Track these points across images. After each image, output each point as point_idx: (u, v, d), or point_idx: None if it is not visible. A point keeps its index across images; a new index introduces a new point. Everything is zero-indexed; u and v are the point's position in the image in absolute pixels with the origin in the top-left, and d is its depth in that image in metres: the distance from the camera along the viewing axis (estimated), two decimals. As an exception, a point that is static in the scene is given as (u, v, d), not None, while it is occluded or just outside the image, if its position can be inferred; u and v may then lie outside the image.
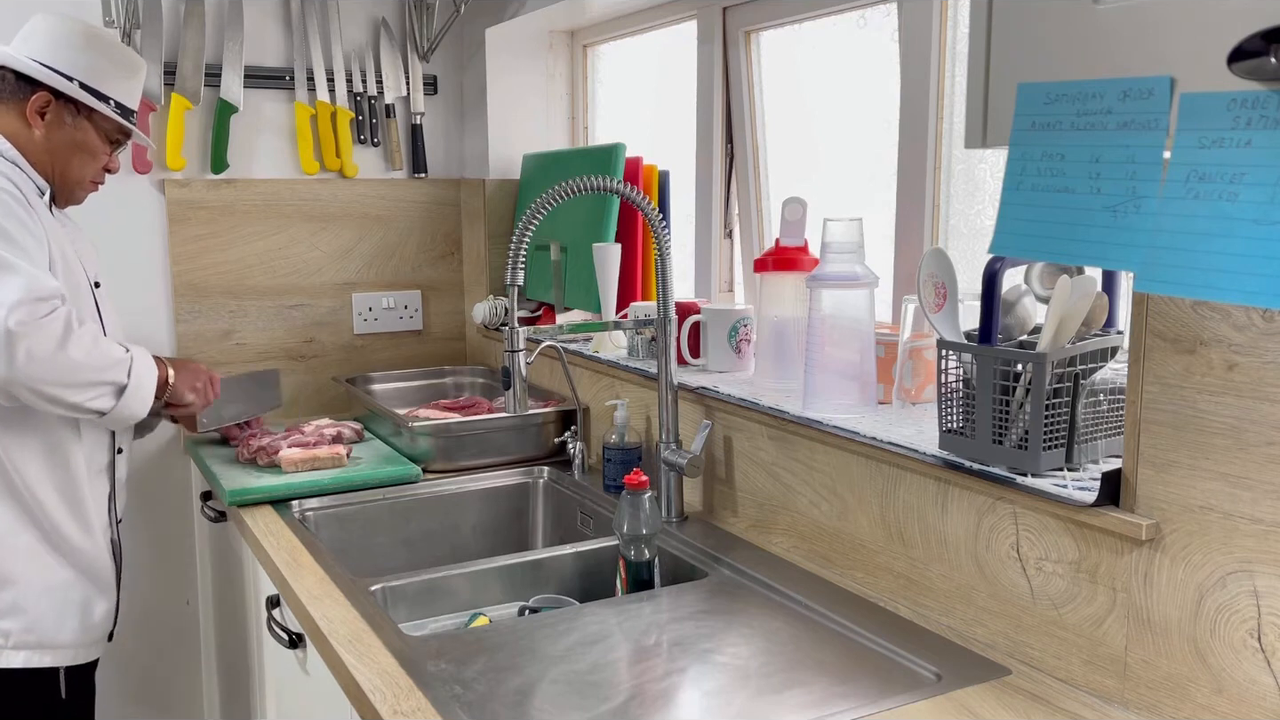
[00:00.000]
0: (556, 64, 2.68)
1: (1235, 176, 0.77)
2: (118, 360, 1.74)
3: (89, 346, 1.68)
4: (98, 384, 1.70)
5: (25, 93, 1.76)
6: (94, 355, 1.69)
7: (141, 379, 1.77)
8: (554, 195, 1.60)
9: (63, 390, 1.66)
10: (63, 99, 1.78)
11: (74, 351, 1.65)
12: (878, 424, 1.46)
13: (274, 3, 2.50)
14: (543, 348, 2.04)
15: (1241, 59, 0.73)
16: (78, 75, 1.77)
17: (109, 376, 1.72)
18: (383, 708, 1.16)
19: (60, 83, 1.76)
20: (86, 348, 1.68)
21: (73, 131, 1.80)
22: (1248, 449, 1.00)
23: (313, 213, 2.57)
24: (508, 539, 2.06)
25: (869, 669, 1.24)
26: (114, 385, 1.73)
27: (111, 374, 1.72)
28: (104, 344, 1.73)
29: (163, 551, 2.50)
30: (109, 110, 1.81)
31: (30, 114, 1.76)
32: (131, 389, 1.75)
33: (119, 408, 1.74)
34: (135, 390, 1.76)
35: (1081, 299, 1.20)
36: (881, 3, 1.76)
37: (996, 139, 0.95)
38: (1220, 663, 1.04)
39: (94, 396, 1.70)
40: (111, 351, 1.73)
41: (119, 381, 1.73)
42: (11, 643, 1.74)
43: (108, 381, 1.72)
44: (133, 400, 1.76)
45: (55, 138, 1.79)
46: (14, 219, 1.65)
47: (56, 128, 1.78)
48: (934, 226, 1.69)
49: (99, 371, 1.70)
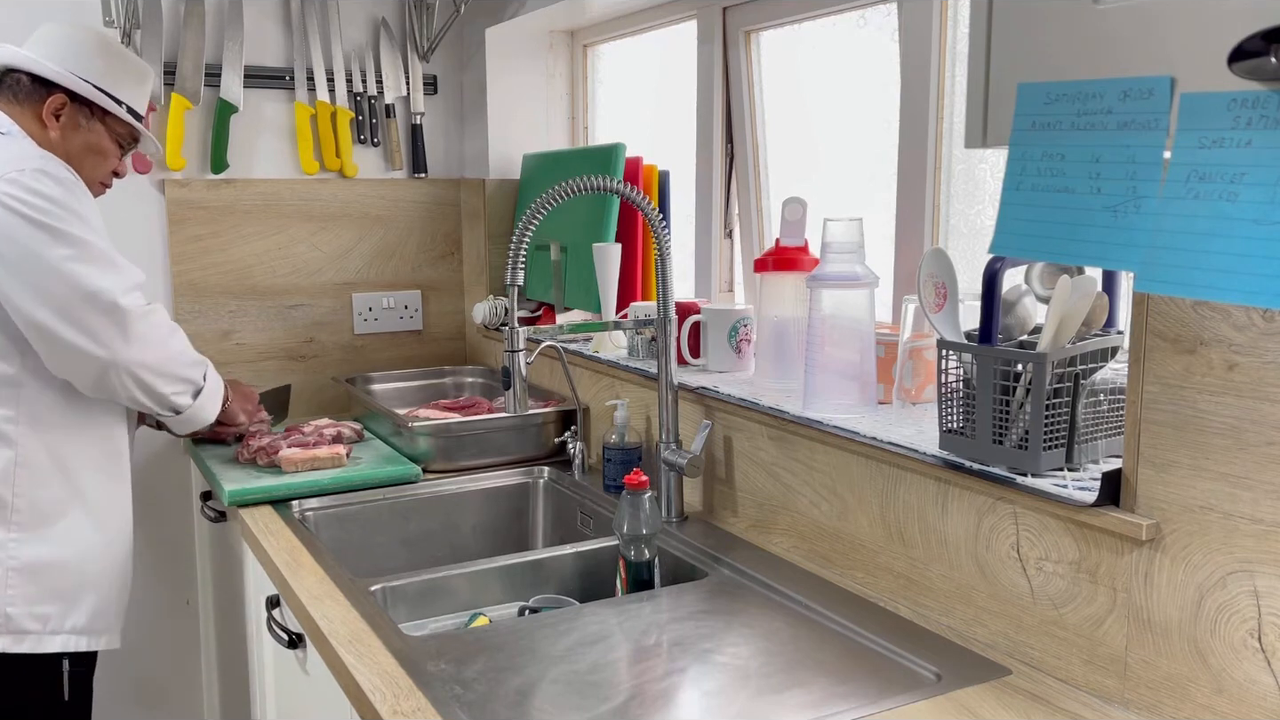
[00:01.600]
0: (556, 64, 2.68)
1: (1235, 176, 0.77)
2: (198, 361, 1.87)
3: (184, 341, 1.83)
4: (184, 380, 1.83)
5: (41, 95, 1.79)
6: (186, 351, 1.84)
7: (214, 386, 1.91)
8: (554, 195, 1.60)
9: (157, 379, 1.77)
10: (77, 101, 1.81)
11: (175, 343, 1.81)
12: (878, 424, 1.46)
13: (274, 3, 2.50)
14: (543, 348, 2.04)
15: (1242, 59, 0.73)
16: (92, 79, 1.81)
17: (192, 374, 1.85)
18: (383, 708, 1.16)
19: (77, 84, 1.79)
20: (182, 342, 1.83)
21: (87, 134, 1.83)
22: (1248, 449, 1.00)
23: (313, 213, 2.57)
24: (508, 539, 2.06)
25: (869, 669, 1.24)
26: (194, 385, 1.85)
27: (194, 372, 1.85)
28: (188, 342, 1.86)
29: (163, 551, 2.50)
30: (122, 113, 1.84)
31: (46, 115, 1.79)
32: (206, 392, 1.88)
33: (194, 408, 1.86)
34: (209, 394, 1.89)
35: (1081, 299, 1.20)
36: (881, 3, 1.76)
37: (996, 139, 0.95)
38: (1220, 663, 1.04)
39: (179, 391, 1.82)
40: (193, 352, 1.86)
41: (198, 382, 1.86)
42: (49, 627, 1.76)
43: (190, 380, 1.84)
44: (206, 402, 1.88)
45: (70, 140, 1.81)
46: (90, 207, 1.74)
47: (71, 130, 1.81)
48: (934, 226, 1.69)
49: (187, 367, 1.83)
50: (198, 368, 1.87)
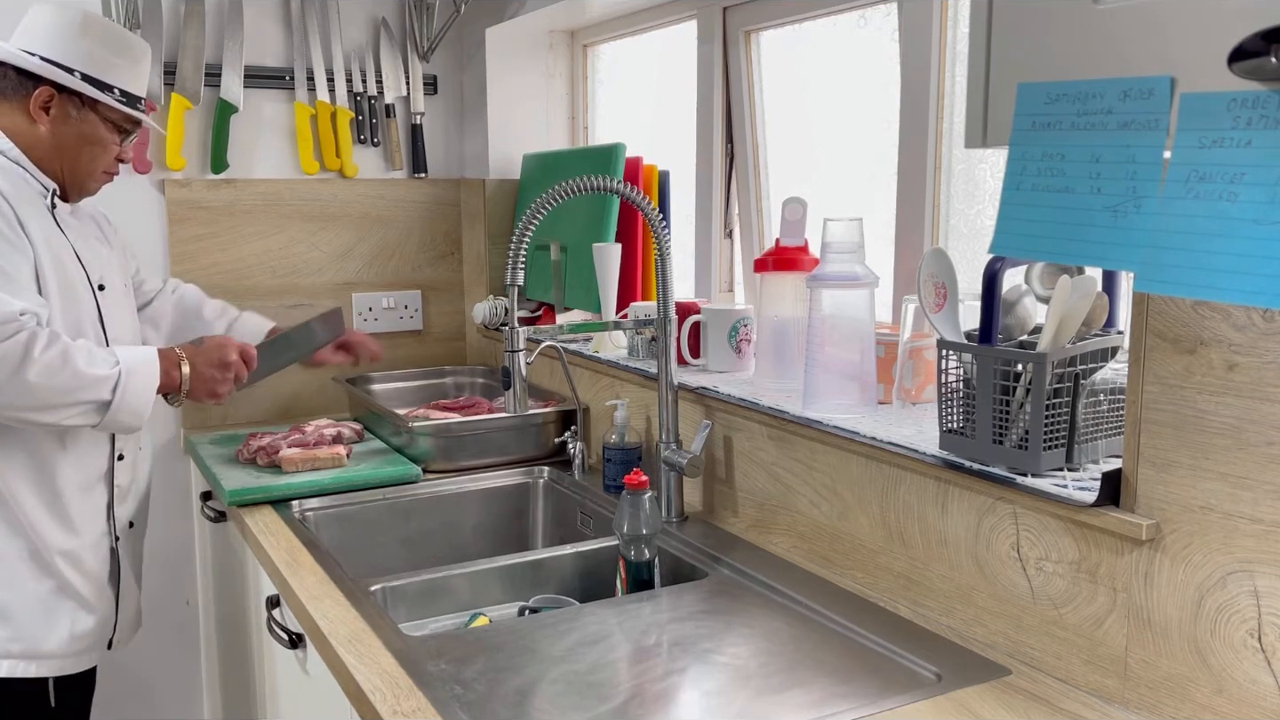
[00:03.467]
0: (556, 64, 2.68)
1: (1235, 176, 0.77)
2: (97, 379, 1.66)
3: (54, 369, 1.61)
4: (70, 405, 1.64)
5: (27, 89, 1.71)
6: (60, 378, 1.62)
7: (131, 394, 1.70)
8: (554, 195, 1.60)
9: (30, 413, 1.62)
10: (66, 92, 1.73)
11: (31, 376, 1.59)
12: (878, 424, 1.46)
13: (274, 3, 2.49)
14: (543, 348, 2.04)
15: (1242, 59, 0.73)
16: (78, 66, 1.72)
17: (84, 396, 1.65)
18: (383, 708, 1.16)
19: (61, 76, 1.70)
20: (49, 370, 1.61)
21: (79, 125, 1.75)
22: (1248, 449, 1.00)
23: (313, 213, 2.57)
24: (508, 539, 2.06)
25: (869, 669, 1.24)
26: (93, 403, 1.66)
27: (88, 393, 1.65)
28: (80, 362, 1.65)
29: (163, 551, 2.50)
30: (113, 100, 1.75)
31: (34, 110, 1.72)
32: (118, 405, 1.68)
33: (107, 422, 1.69)
34: (123, 406, 1.69)
35: (1082, 299, 1.20)
36: (881, 3, 1.76)
37: (996, 139, 0.95)
38: (1220, 663, 1.04)
39: (70, 416, 1.65)
40: (90, 370, 1.66)
41: (99, 399, 1.67)
42: None
43: (83, 401, 1.65)
44: (121, 415, 1.70)
45: (61, 133, 1.74)
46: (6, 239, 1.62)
47: (62, 122, 1.74)
48: (934, 226, 1.69)
49: (67, 393, 1.63)
50: (95, 387, 1.66)
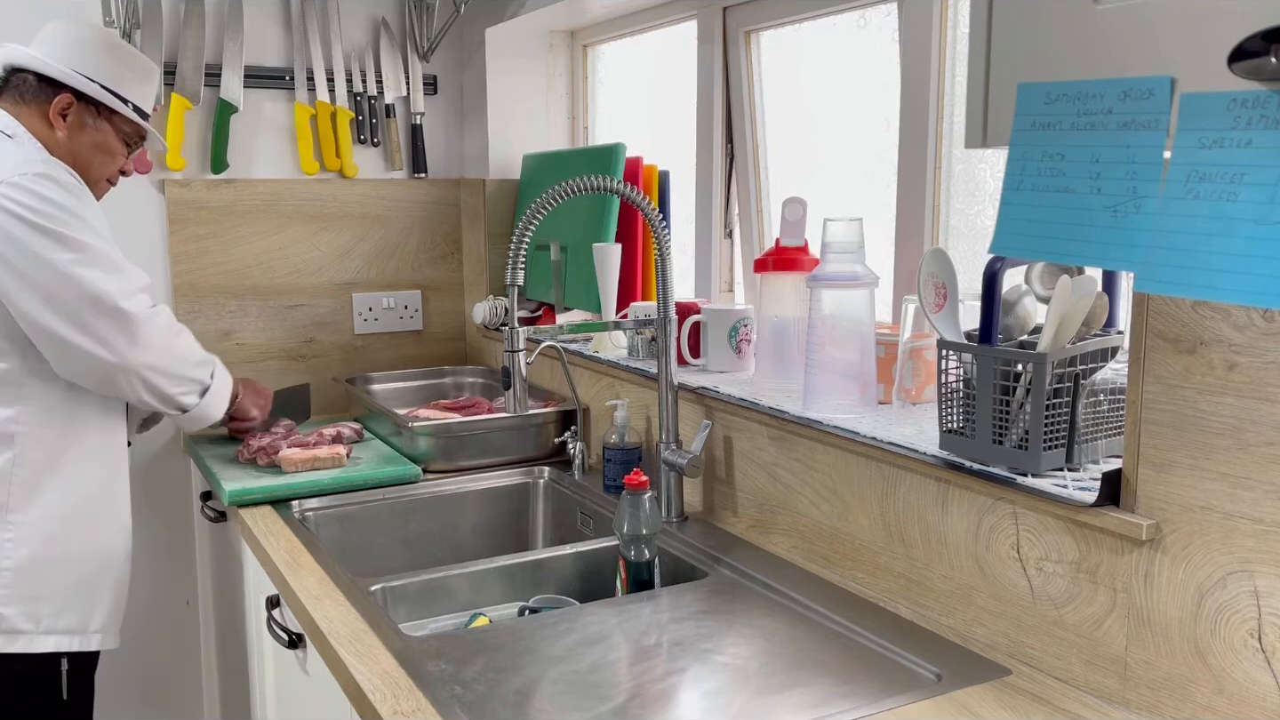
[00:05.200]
0: (556, 64, 2.67)
1: (1235, 176, 0.77)
2: (205, 360, 1.88)
3: (190, 341, 1.85)
4: (190, 380, 1.84)
5: (48, 95, 1.79)
6: (192, 351, 1.85)
7: (221, 384, 1.91)
8: (554, 195, 1.60)
9: (164, 380, 1.78)
10: (84, 101, 1.81)
11: (181, 344, 1.82)
12: (878, 424, 1.46)
13: (274, 3, 2.49)
14: (543, 348, 2.04)
15: (1242, 59, 0.73)
16: (98, 78, 1.81)
17: (198, 374, 1.85)
18: (383, 708, 1.16)
19: (83, 84, 1.79)
20: (189, 342, 1.84)
21: (94, 133, 1.83)
22: (1248, 449, 1.00)
23: (313, 213, 2.57)
24: (508, 539, 2.06)
25: (869, 669, 1.24)
26: (200, 384, 1.86)
27: (201, 372, 1.86)
28: (195, 342, 1.87)
29: (163, 551, 2.50)
30: (129, 111, 1.85)
31: (53, 115, 1.79)
32: (213, 391, 1.88)
33: (201, 406, 1.86)
34: (215, 393, 1.89)
35: (1082, 299, 1.20)
36: (881, 3, 1.76)
37: (996, 139, 0.95)
38: (1220, 663, 1.04)
39: (186, 391, 1.83)
40: (199, 351, 1.88)
41: (204, 382, 1.87)
42: (43, 627, 1.75)
43: (197, 379, 1.85)
44: (213, 401, 1.89)
45: (77, 139, 1.82)
46: (93, 209, 1.74)
47: (78, 129, 1.82)
48: (934, 226, 1.69)
49: (194, 368, 1.84)
50: (204, 367, 1.87)
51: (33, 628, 1.74)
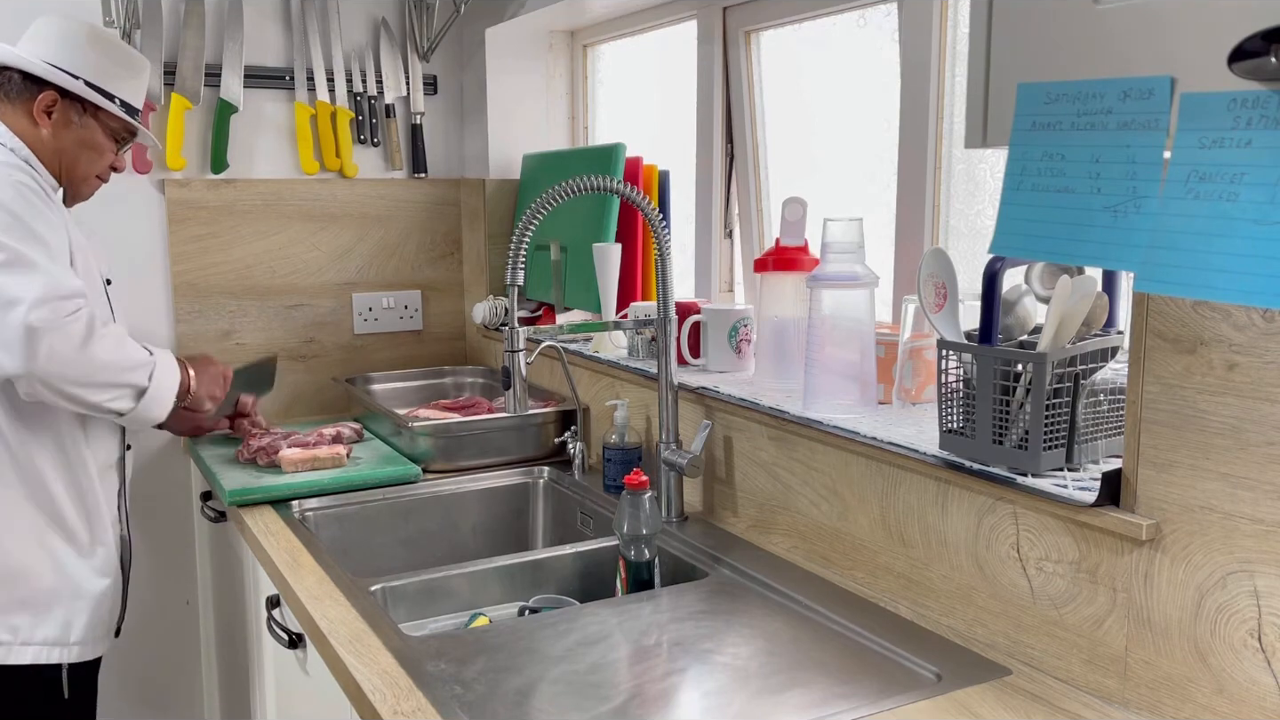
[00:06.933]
0: (556, 64, 2.67)
1: (1235, 176, 0.77)
2: (140, 363, 1.77)
3: (112, 347, 1.71)
4: (118, 385, 1.73)
5: (32, 92, 1.78)
6: (117, 356, 1.72)
7: (162, 383, 1.80)
8: (554, 195, 1.60)
9: (82, 390, 1.68)
10: (69, 98, 1.79)
11: (97, 351, 1.68)
12: (878, 424, 1.46)
13: (274, 3, 2.49)
14: (543, 348, 2.04)
15: (1242, 59, 0.73)
16: (84, 74, 1.79)
17: (129, 379, 1.74)
18: (383, 708, 1.16)
19: (67, 81, 1.77)
20: (110, 348, 1.71)
21: (79, 130, 1.82)
22: (1248, 449, 1.00)
23: (313, 213, 2.57)
24: (508, 539, 2.06)
25: (869, 669, 1.24)
26: (134, 388, 1.75)
27: (132, 376, 1.75)
28: (128, 345, 1.76)
29: (163, 551, 2.50)
30: (115, 108, 1.83)
31: (37, 113, 1.78)
32: (151, 393, 1.78)
33: (138, 410, 1.77)
34: (155, 394, 1.79)
35: (1082, 299, 1.20)
36: (881, 3, 1.76)
37: (996, 139, 0.95)
38: (1220, 663, 1.04)
39: (114, 397, 1.73)
40: (134, 354, 1.76)
41: (139, 385, 1.76)
42: (20, 639, 1.74)
43: (128, 384, 1.74)
44: (152, 404, 1.79)
45: (62, 136, 1.80)
46: (36, 213, 1.67)
47: (63, 126, 1.80)
48: (934, 226, 1.69)
49: (120, 373, 1.73)
50: (139, 371, 1.76)
51: (10, 639, 1.73)
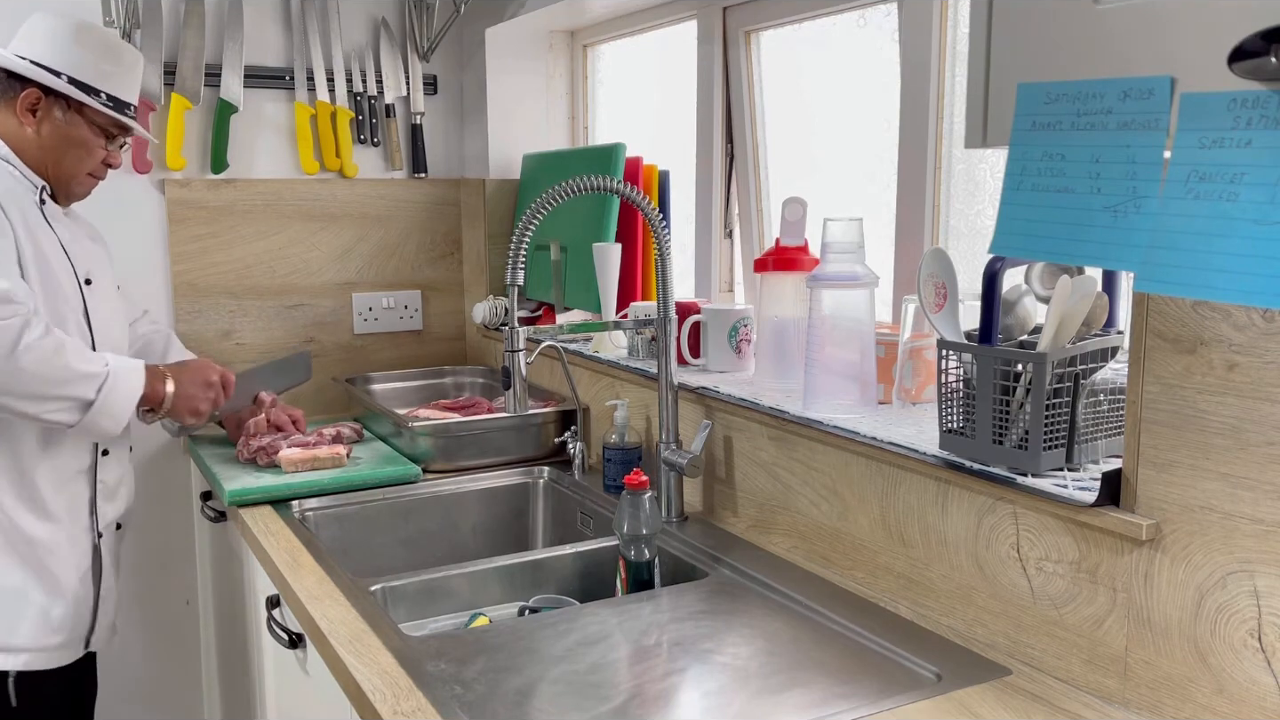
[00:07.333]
0: (556, 64, 2.68)
1: (1235, 176, 0.77)
2: (85, 375, 1.67)
3: (46, 358, 1.62)
4: (56, 398, 1.65)
5: (15, 90, 1.78)
6: (52, 368, 1.63)
7: (114, 398, 1.71)
8: (554, 195, 1.60)
9: (13, 400, 1.62)
10: (52, 95, 1.79)
11: (25, 362, 1.60)
12: (878, 424, 1.46)
13: (274, 3, 2.49)
14: (543, 348, 2.04)
15: (1242, 59, 0.73)
16: (66, 70, 1.78)
17: (70, 391, 1.66)
18: (383, 708, 1.16)
19: (47, 78, 1.76)
20: (42, 359, 1.61)
21: (65, 127, 1.80)
22: (1248, 449, 1.00)
23: (313, 213, 2.57)
24: (508, 539, 2.06)
25: (869, 669, 1.24)
26: (77, 400, 1.67)
27: (74, 389, 1.66)
28: (70, 356, 1.66)
29: (163, 551, 2.50)
30: (99, 104, 1.81)
31: (21, 111, 1.78)
32: (100, 406, 1.69)
33: (85, 423, 1.69)
34: (104, 408, 1.70)
35: (1082, 299, 1.20)
36: (881, 3, 1.76)
37: (996, 139, 0.95)
38: (1221, 663, 1.04)
39: (52, 410, 1.65)
40: (79, 365, 1.67)
41: (83, 397, 1.67)
42: None
43: (69, 396, 1.66)
44: (101, 418, 1.70)
45: (47, 134, 1.80)
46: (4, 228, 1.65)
47: (48, 124, 1.79)
48: (934, 226, 1.69)
49: (55, 385, 1.64)
50: (79, 383, 1.66)
51: None
